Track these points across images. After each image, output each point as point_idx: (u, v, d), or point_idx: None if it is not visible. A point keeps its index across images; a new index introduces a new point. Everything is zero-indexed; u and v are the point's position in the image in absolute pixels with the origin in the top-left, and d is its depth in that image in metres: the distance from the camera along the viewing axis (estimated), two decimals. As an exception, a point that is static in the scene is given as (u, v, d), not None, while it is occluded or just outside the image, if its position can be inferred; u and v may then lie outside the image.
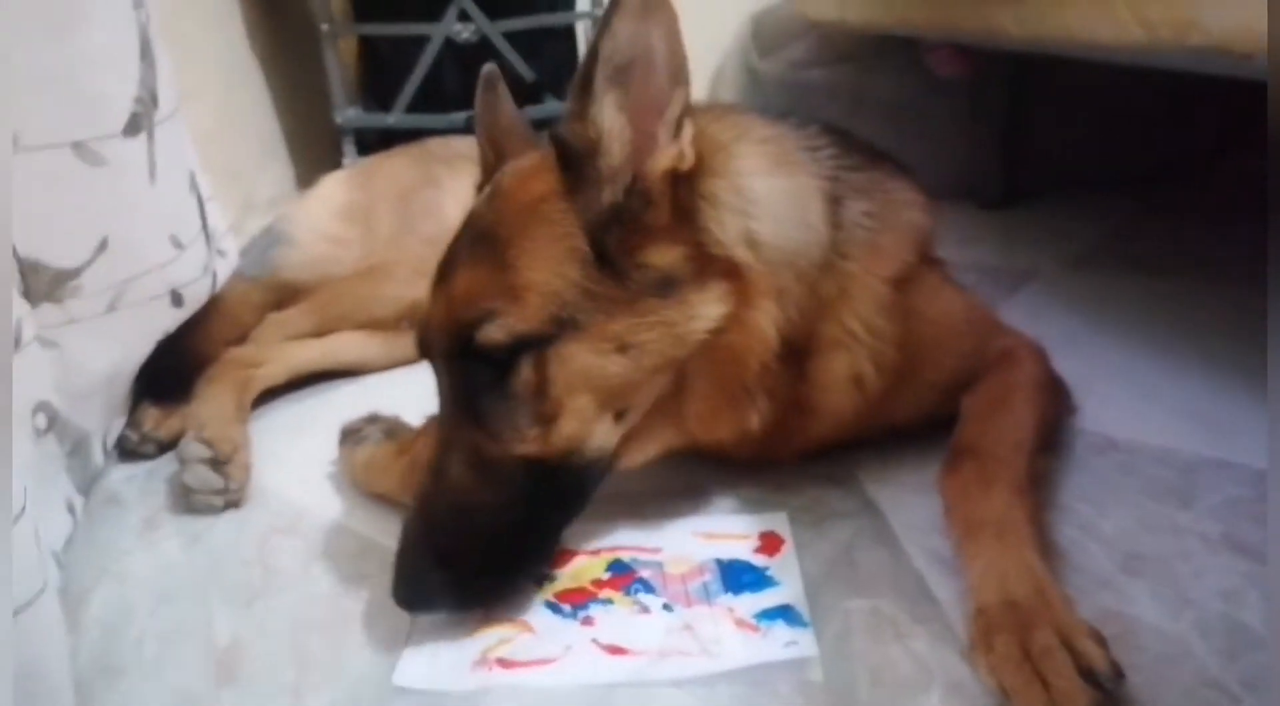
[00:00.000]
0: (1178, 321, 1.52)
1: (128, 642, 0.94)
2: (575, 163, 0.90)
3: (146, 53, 1.30)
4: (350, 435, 1.21)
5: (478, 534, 0.89)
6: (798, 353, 1.02)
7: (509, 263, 0.89)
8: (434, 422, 1.02)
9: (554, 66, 2.43)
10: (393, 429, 1.20)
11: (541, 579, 0.96)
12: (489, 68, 1.13)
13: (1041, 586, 0.85)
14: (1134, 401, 1.28)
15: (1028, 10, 1.39)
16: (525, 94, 2.32)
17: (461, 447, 0.90)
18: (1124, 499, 1.07)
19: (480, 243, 0.92)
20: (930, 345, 1.12)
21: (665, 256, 0.92)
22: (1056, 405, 1.18)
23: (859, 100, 2.27)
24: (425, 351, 0.98)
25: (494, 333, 0.87)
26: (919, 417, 1.13)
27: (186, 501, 1.16)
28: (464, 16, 2.27)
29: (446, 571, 0.87)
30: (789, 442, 1.09)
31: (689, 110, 0.91)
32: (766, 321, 0.97)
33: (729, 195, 0.97)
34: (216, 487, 1.15)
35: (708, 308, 0.93)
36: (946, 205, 2.17)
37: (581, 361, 0.89)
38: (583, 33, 2.56)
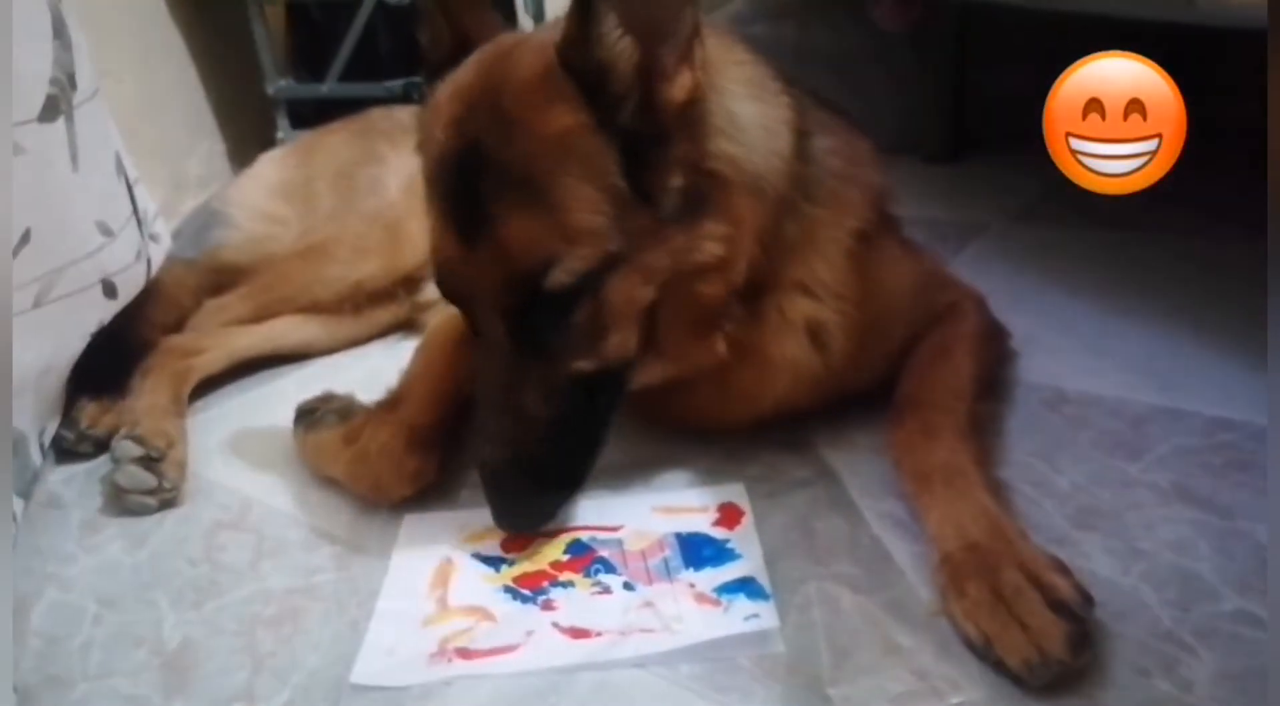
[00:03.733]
0: (1126, 273, 1.53)
1: (73, 651, 0.91)
2: (592, 92, 0.87)
3: (60, 31, 1.23)
4: (305, 416, 1.18)
5: (561, 448, 0.95)
6: (755, 289, 1.01)
7: (557, 204, 0.87)
8: (396, 402, 1.11)
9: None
10: (347, 409, 1.16)
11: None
12: None
13: (998, 525, 0.87)
14: (1084, 354, 1.29)
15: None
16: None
17: (531, 380, 0.93)
18: (1076, 452, 1.08)
19: (516, 188, 0.87)
20: (889, 310, 1.12)
21: (678, 180, 0.91)
22: (995, 352, 1.21)
23: (802, 55, 2.24)
24: (459, 301, 0.97)
25: (561, 278, 0.87)
26: (874, 382, 1.13)
27: (120, 503, 1.12)
28: (396, -21, 2.20)
29: (544, 487, 0.97)
30: (746, 402, 1.08)
31: (699, 32, 0.88)
32: (740, 250, 0.97)
33: (717, 117, 0.94)
34: (149, 487, 1.11)
35: (713, 230, 0.93)
36: (892, 160, 2.17)
37: (625, 291, 0.92)
38: (521, -3, 2.50)
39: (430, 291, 1.49)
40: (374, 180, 1.52)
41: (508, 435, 0.94)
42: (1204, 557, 0.89)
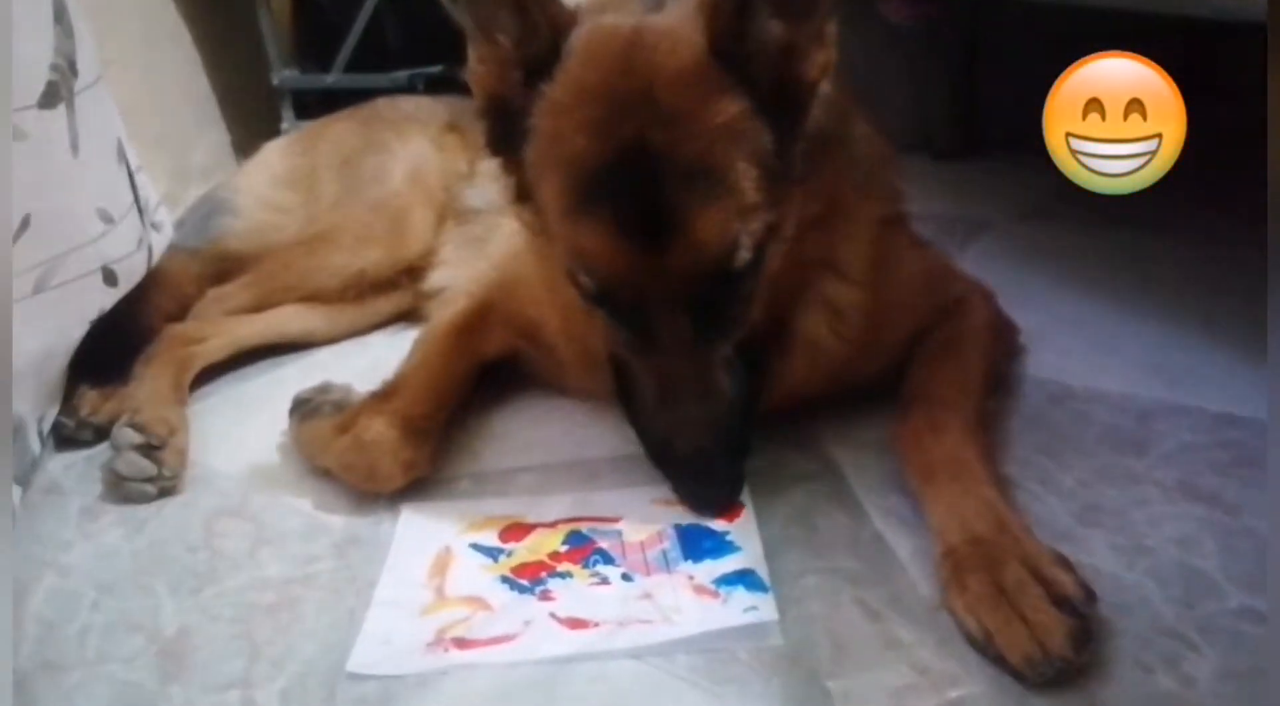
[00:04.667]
0: (1130, 271, 1.52)
1: (70, 637, 0.91)
2: (746, 75, 0.89)
3: (61, 17, 1.23)
4: (301, 406, 1.17)
5: (747, 419, 0.99)
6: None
7: (732, 187, 0.88)
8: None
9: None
10: (343, 400, 1.16)
11: None
12: None
13: (1003, 519, 0.87)
14: (1090, 350, 1.28)
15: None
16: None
17: (717, 364, 0.96)
18: (1082, 449, 1.07)
19: (699, 180, 0.88)
20: (904, 298, 1.12)
21: (804, 146, 0.93)
22: (1003, 347, 1.21)
23: (811, 50, 2.23)
24: (628, 312, 0.96)
25: (744, 255, 0.91)
26: (884, 371, 1.13)
27: (119, 490, 1.12)
28: (404, -31, 2.20)
29: (736, 457, 1.01)
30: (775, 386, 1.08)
31: (833, 9, 0.91)
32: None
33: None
34: (149, 475, 1.11)
35: (819, 192, 0.98)
36: (901, 157, 2.16)
37: (775, 256, 0.96)
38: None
39: (434, 280, 1.49)
40: (378, 169, 1.52)
41: (708, 420, 0.96)
42: (1209, 554, 0.88)
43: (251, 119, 2.34)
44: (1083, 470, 1.03)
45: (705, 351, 0.95)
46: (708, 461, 0.98)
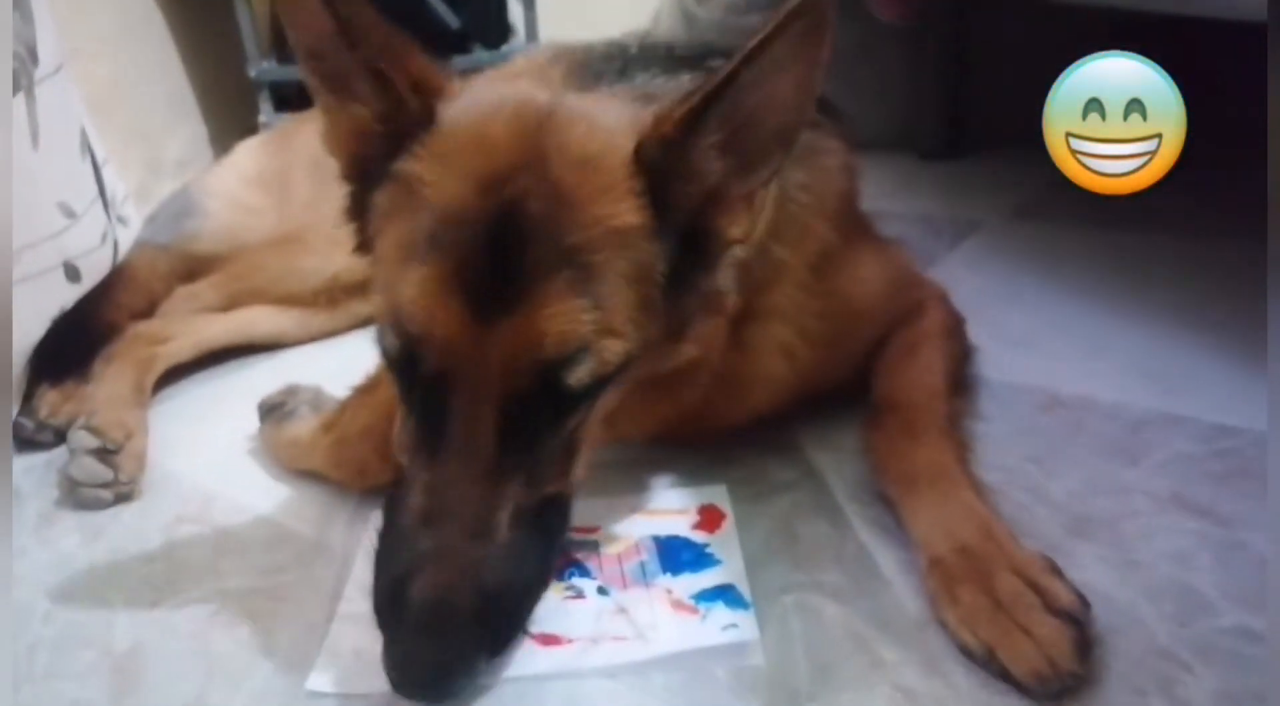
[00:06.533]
0: (1123, 273, 1.49)
1: (19, 651, 0.87)
2: (664, 197, 0.79)
3: (20, 3, 1.19)
4: (272, 410, 1.14)
5: (516, 583, 0.79)
6: (737, 324, 0.97)
7: (604, 298, 0.76)
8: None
9: (482, 13, 2.31)
10: (317, 401, 1.13)
11: None
12: None
13: (988, 526, 0.86)
14: (1080, 356, 1.26)
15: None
16: (451, 43, 2.21)
17: (506, 501, 0.78)
18: (1072, 458, 1.04)
19: (567, 268, 0.75)
20: (856, 319, 1.10)
21: (698, 304, 0.86)
22: (962, 347, 1.20)
23: (798, 47, 2.20)
24: (431, 382, 0.79)
25: (583, 375, 0.77)
26: (847, 381, 1.11)
27: (74, 496, 1.08)
28: (383, -39, 2.15)
29: (494, 636, 0.78)
30: (724, 417, 1.04)
31: (770, 180, 0.83)
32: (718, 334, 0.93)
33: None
34: (104, 480, 1.07)
35: (694, 346, 0.89)
36: (888, 155, 2.14)
37: (608, 404, 0.84)
38: (512, -22, 2.45)
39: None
40: None
41: (466, 567, 0.76)
42: (1203, 570, 0.86)
43: (228, 111, 2.30)
44: (1072, 480, 1.00)
45: (500, 478, 0.78)
46: (441, 622, 0.74)
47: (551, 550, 0.85)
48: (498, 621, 0.78)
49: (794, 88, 0.76)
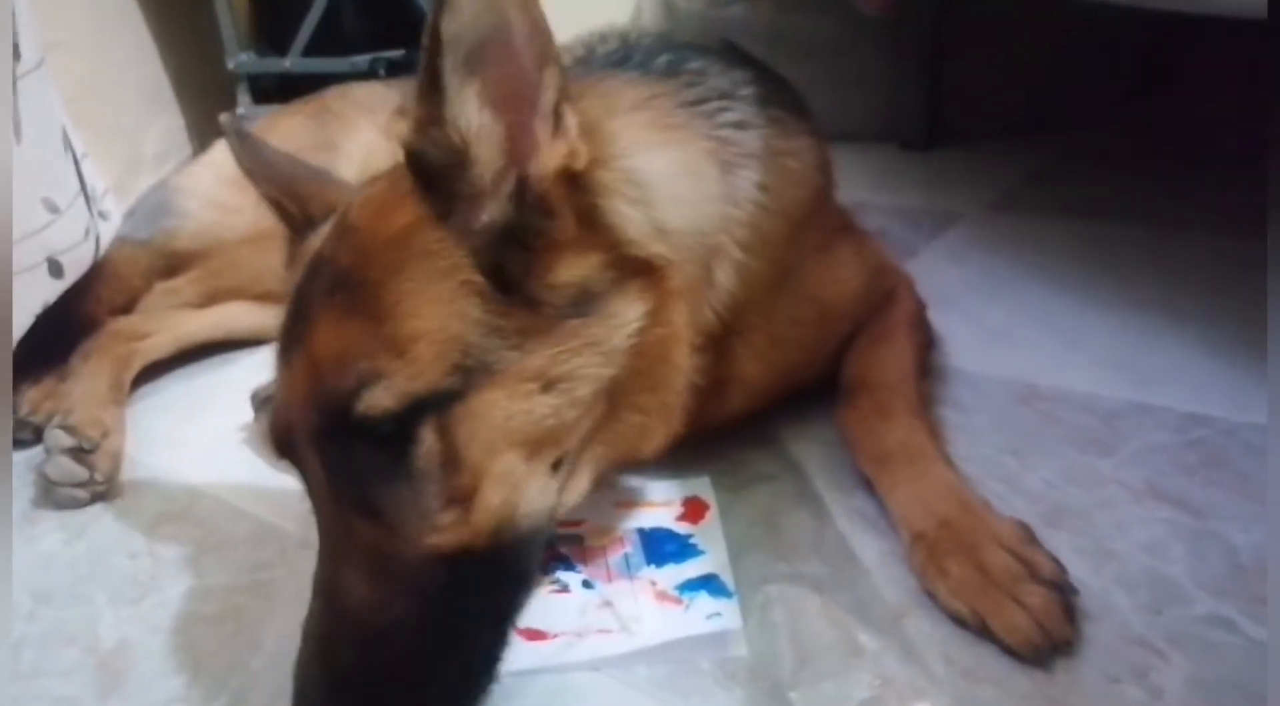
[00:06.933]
0: (1098, 265, 1.51)
1: (3, 649, 0.87)
2: (440, 179, 0.74)
3: (-1, -2, 1.18)
4: (266, 402, 1.14)
5: (401, 663, 0.68)
6: (715, 338, 0.96)
7: (386, 310, 0.70)
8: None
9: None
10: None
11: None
12: (225, 117, 1.00)
13: (964, 500, 0.89)
14: (1057, 347, 1.27)
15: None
16: (431, 36, 2.20)
17: (356, 555, 0.70)
18: (1048, 449, 1.06)
19: (340, 291, 0.72)
20: (831, 320, 1.11)
21: (578, 269, 0.77)
22: (928, 332, 1.22)
23: (779, 39, 2.20)
24: (284, 447, 0.76)
25: (380, 398, 0.68)
26: (825, 374, 1.12)
27: (50, 496, 1.08)
28: (362, -48, 2.14)
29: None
30: (705, 419, 1.01)
31: (566, 94, 0.74)
32: (686, 313, 0.86)
33: (620, 184, 0.82)
34: (79, 479, 1.07)
35: (629, 311, 0.79)
36: (868, 147, 2.15)
37: (501, 411, 0.72)
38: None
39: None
40: (326, 167, 1.47)
41: (319, 632, 0.69)
42: (1177, 559, 0.87)
43: (206, 104, 2.28)
44: (1048, 471, 1.01)
45: (346, 530, 0.71)
46: (300, 700, 0.68)
47: (486, 615, 0.74)
48: (368, 699, 0.68)
49: (518, 5, 0.70)
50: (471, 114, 0.71)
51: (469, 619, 0.72)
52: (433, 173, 0.74)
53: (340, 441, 0.70)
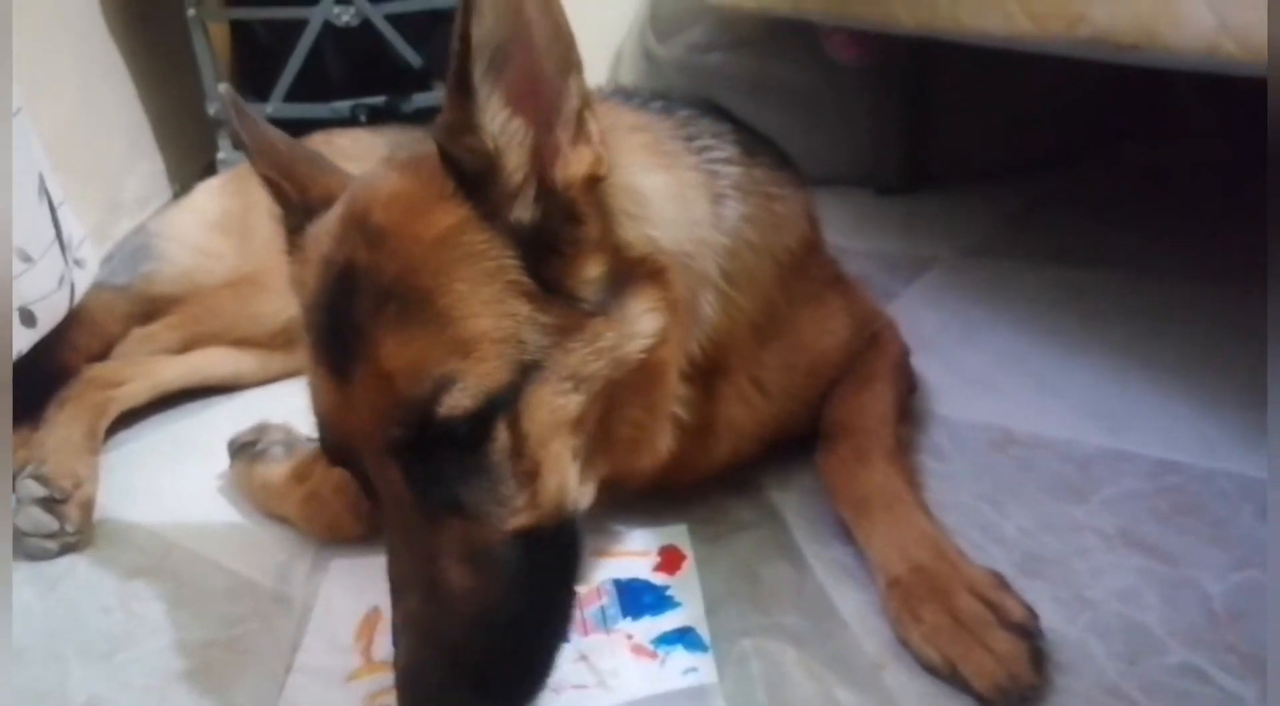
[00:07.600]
0: (1073, 310, 1.53)
1: (3, 649, 0.85)
2: (478, 183, 0.76)
3: (-22, 48, 1.18)
4: (243, 449, 1.13)
5: (505, 635, 0.74)
6: (704, 372, 0.97)
7: (444, 315, 0.73)
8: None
9: (443, 52, 2.30)
10: (290, 440, 1.13)
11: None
12: (224, 87, 1.01)
13: (940, 547, 0.90)
14: (1033, 393, 1.28)
15: (920, 1, 1.37)
16: (412, 82, 2.22)
17: (451, 548, 0.74)
18: (1023, 496, 1.06)
19: (392, 302, 0.74)
20: (817, 366, 1.12)
21: (597, 269, 0.81)
22: (909, 376, 1.24)
23: (758, 86, 2.24)
24: (341, 461, 0.81)
25: (460, 399, 0.72)
26: (811, 423, 1.12)
27: (21, 547, 1.06)
28: (344, -1, 2.16)
29: (488, 691, 0.73)
30: (690, 469, 1.03)
31: (590, 101, 0.78)
32: (680, 332, 0.90)
33: (620, 197, 0.85)
34: (49, 530, 1.06)
35: (645, 322, 0.83)
36: (846, 192, 2.17)
37: (549, 405, 0.77)
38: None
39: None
40: None
41: (424, 627, 0.73)
42: (1151, 607, 0.88)
43: (187, 149, 2.29)
44: (1024, 518, 1.02)
45: (435, 526, 0.75)
46: (419, 687, 0.72)
47: (558, 581, 0.81)
48: (489, 672, 0.73)
49: (539, 8, 0.72)
50: (501, 119, 0.75)
51: (546, 586, 0.79)
52: (470, 176, 0.76)
53: (420, 447, 0.74)
